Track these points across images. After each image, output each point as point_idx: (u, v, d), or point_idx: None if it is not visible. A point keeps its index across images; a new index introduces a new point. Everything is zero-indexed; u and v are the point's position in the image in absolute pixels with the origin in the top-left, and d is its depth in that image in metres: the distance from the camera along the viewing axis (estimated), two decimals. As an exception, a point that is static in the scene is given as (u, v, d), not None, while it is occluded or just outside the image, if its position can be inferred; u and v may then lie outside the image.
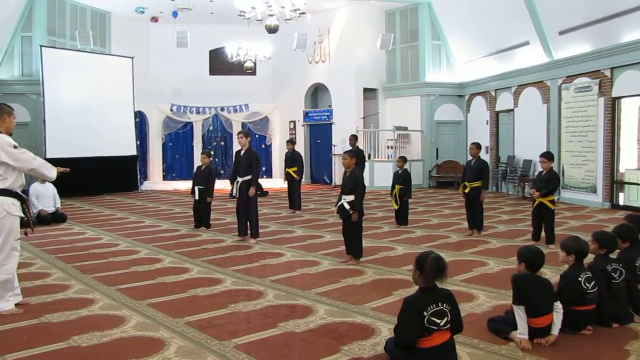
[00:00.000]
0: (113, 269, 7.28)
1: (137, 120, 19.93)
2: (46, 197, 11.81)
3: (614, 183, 13.11)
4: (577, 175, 13.92)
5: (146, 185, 20.31)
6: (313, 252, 8.32)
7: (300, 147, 19.37)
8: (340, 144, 19.17)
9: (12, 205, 5.47)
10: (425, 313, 3.88)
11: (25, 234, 5.93)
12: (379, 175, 18.08)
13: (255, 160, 9.39)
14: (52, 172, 5.82)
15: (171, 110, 22.15)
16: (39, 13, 17.43)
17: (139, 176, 19.70)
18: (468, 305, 5.45)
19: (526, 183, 15.08)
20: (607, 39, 12.55)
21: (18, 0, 16.96)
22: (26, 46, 17.50)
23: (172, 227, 11.07)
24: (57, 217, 11.75)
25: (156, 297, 5.88)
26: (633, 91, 12.39)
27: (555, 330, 4.53)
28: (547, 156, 8.67)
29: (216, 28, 21.29)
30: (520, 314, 4.47)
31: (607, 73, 12.86)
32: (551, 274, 6.47)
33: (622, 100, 12.95)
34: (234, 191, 9.49)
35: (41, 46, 16.80)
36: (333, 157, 19.80)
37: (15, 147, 5.45)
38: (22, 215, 5.64)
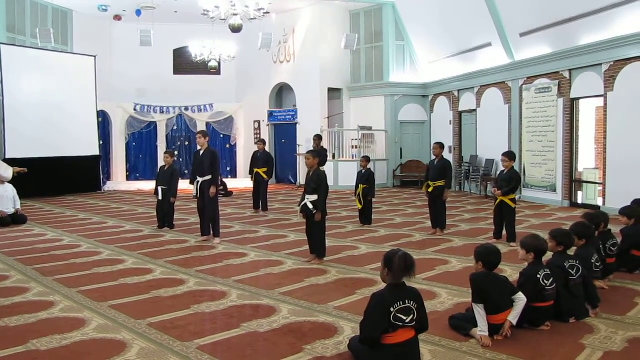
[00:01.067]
0: (75, 271, 7.18)
1: (100, 119, 19.61)
2: (5, 198, 11.53)
3: (573, 182, 13.40)
4: (538, 174, 14.19)
5: (109, 186, 20.02)
6: (277, 251, 8.32)
7: (265, 147, 19.30)
8: (305, 143, 19.20)
9: None
10: (392, 309, 3.93)
11: None
12: (343, 175, 18.15)
13: (215, 159, 9.35)
14: (8, 172, 5.70)
15: (135, 109, 21.91)
16: (-3, 10, 17.06)
17: (101, 176, 19.38)
18: (430, 303, 5.51)
19: (488, 182, 15.31)
20: (566, 42, 12.82)
21: (-25, -3, 16.60)
22: (-17, 44, 17.10)
23: (136, 227, 10.95)
24: (17, 219, 11.49)
25: (118, 299, 5.82)
26: (590, 92, 12.68)
27: (512, 317, 4.62)
28: (509, 155, 8.83)
29: (180, 27, 21.13)
30: (479, 311, 4.55)
31: (566, 74, 13.14)
32: (512, 271, 6.60)
33: (580, 101, 13.25)
34: (195, 191, 9.45)
35: (0, 44, 16.42)
36: (298, 156, 19.81)
37: None
38: None
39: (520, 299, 4.67)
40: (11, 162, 15.20)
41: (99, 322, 5.09)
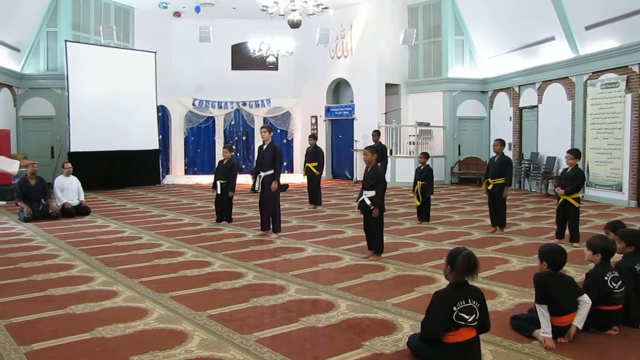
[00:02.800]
0: (136, 262, 7.35)
1: (160, 114, 20.06)
2: (70, 191, 11.92)
3: (641, 181, 12.92)
4: (603, 172, 13.73)
5: (168, 179, 20.44)
6: (334, 247, 8.31)
7: (322, 143, 19.31)
8: (361, 139, 19.14)
9: None
10: (454, 308, 3.90)
11: None
12: (400, 171, 18.02)
13: (277, 155, 9.40)
14: (13, 166, 5.85)
15: (193, 104, 22.26)
16: (64, 8, 17.64)
17: (161, 170, 19.83)
18: (491, 303, 5.37)
19: (549, 180, 14.93)
20: (635, 34, 12.32)
21: (44, -5, 17.21)
22: (51, 41, 17.72)
23: (194, 220, 11.13)
24: (81, 210, 11.85)
25: (178, 290, 5.91)
26: (661, 87, 12.19)
27: (578, 322, 4.46)
28: (575, 153, 8.57)
29: (238, 23, 21.36)
30: (543, 312, 4.42)
31: (635, 69, 12.65)
32: (575, 272, 6.40)
33: (650, 96, 12.75)
34: (257, 186, 9.51)
35: (66, 41, 16.98)
36: (354, 152, 19.76)
37: None
38: None
39: (585, 302, 4.51)
40: (75, 155, 15.78)
41: (161, 312, 5.19)
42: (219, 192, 10.77)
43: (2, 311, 5.20)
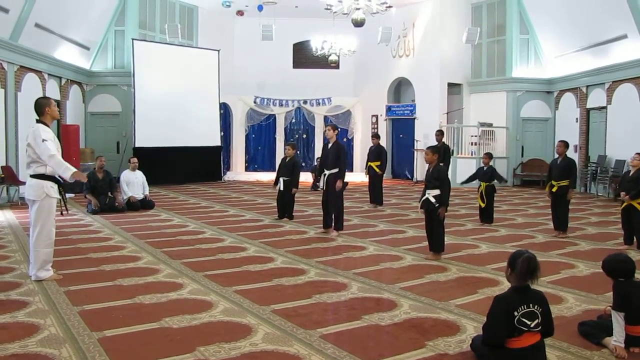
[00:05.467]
0: (200, 256, 7.50)
1: (222, 111, 20.38)
2: (136, 185, 12.27)
3: None
4: (675, 177, 13.18)
5: (229, 176, 20.75)
6: (396, 246, 8.28)
7: (382, 142, 19.19)
8: (422, 139, 18.98)
9: (51, 188, 6.04)
10: (515, 313, 3.81)
11: (61, 213, 6.44)
12: (461, 172, 17.65)
13: (342, 153, 9.44)
14: (67, 173, 6.06)
15: (255, 102, 22.52)
16: (131, 8, 18.19)
17: (222, 166, 20.14)
18: (557, 308, 5.26)
19: (617, 184, 14.43)
20: None
21: (113, -4, 17.78)
22: (119, 39, 18.30)
23: (256, 217, 11.27)
24: (145, 204, 12.18)
25: (242, 285, 6.00)
26: None
27: None
28: (642, 153, 8.26)
29: (301, 21, 21.48)
30: (619, 320, 4.26)
31: None
32: (648, 280, 6.19)
33: None
34: (322, 184, 9.56)
35: (133, 39, 17.46)
36: (415, 152, 19.60)
37: (43, 140, 5.87)
38: (59, 197, 6.18)
39: None
40: (139, 150, 16.21)
41: (225, 305, 5.28)
42: (281, 189, 10.87)
43: (76, 298, 5.42)
